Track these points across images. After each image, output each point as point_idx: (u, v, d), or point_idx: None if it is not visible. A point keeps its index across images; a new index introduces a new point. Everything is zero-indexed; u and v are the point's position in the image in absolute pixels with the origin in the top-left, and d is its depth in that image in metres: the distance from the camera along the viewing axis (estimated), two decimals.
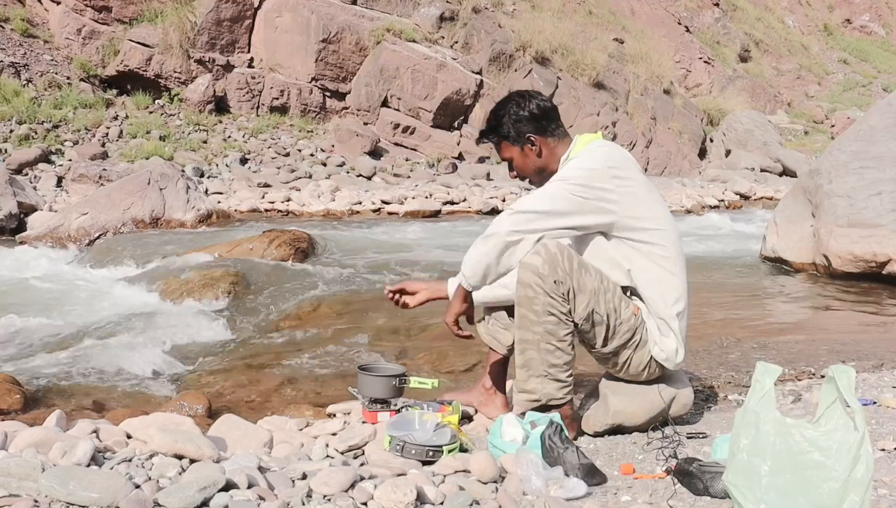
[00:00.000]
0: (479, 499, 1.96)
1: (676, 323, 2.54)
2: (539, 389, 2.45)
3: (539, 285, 2.37)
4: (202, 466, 1.96)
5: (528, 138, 2.62)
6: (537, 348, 2.42)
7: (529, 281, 2.38)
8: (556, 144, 2.64)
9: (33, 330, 4.25)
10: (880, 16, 29.68)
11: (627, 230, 2.49)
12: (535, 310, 2.39)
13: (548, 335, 2.40)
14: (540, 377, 2.44)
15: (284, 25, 12.24)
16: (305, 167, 10.96)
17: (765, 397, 1.80)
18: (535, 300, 2.38)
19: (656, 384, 2.62)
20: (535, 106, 2.64)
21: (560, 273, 2.36)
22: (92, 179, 8.63)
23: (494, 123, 2.69)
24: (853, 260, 5.80)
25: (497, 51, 13.39)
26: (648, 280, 2.52)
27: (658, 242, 2.52)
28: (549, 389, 2.44)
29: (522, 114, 2.63)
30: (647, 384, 2.62)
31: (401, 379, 2.65)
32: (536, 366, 2.43)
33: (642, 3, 20.46)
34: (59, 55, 11.60)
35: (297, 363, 3.71)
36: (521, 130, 2.62)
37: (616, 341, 2.50)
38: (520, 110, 2.63)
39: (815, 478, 1.70)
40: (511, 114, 2.64)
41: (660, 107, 15.50)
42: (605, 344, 2.50)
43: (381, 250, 6.51)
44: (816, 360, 3.71)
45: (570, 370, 2.46)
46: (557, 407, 2.46)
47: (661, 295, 2.52)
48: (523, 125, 2.62)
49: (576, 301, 2.40)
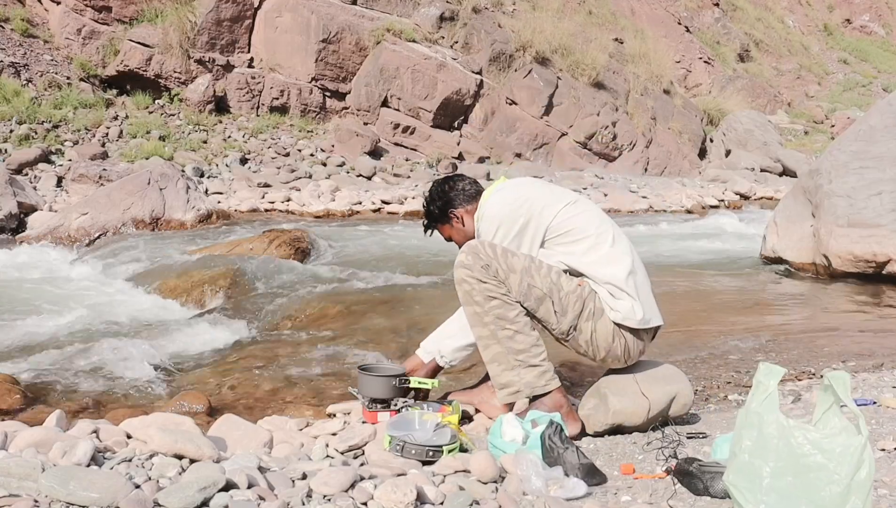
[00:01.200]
0: (479, 499, 1.96)
1: (624, 283, 2.55)
2: (516, 380, 2.47)
3: (470, 275, 2.48)
4: (202, 466, 1.96)
5: (453, 215, 2.83)
6: (496, 339, 2.48)
7: (462, 276, 2.51)
8: (472, 207, 2.81)
9: (33, 330, 4.25)
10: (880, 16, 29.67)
11: (551, 242, 2.62)
12: (478, 300, 2.48)
13: (499, 320, 2.47)
14: (513, 369, 2.47)
15: (284, 25, 12.24)
16: (305, 167, 10.96)
17: (768, 398, 1.79)
18: (473, 292, 2.48)
19: (656, 385, 2.62)
20: (446, 186, 2.87)
21: (484, 258, 2.49)
22: (92, 179, 8.63)
23: (427, 213, 2.91)
24: (853, 260, 5.80)
25: (497, 51, 13.40)
26: (587, 263, 2.58)
27: (578, 236, 2.60)
28: (527, 377, 2.47)
29: (439, 202, 2.86)
30: (639, 368, 2.64)
31: (401, 379, 2.65)
32: (503, 358, 2.48)
33: (642, 3, 20.46)
34: (59, 55, 11.60)
35: (297, 363, 3.70)
36: (446, 212, 2.84)
37: (570, 314, 2.51)
38: (436, 198, 2.87)
39: (816, 481, 1.70)
40: (434, 201, 2.87)
41: (660, 107, 15.50)
42: (561, 321, 2.52)
43: (381, 250, 6.52)
44: (816, 360, 3.71)
45: (540, 355, 2.50)
46: (545, 395, 2.47)
47: (602, 266, 2.56)
48: (444, 208, 2.84)
49: (509, 281, 2.48)
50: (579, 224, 2.62)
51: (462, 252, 2.55)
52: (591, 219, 2.65)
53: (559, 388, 2.55)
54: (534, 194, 2.67)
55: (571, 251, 2.61)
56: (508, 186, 2.75)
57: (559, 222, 2.61)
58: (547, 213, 2.62)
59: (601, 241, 2.61)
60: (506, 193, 2.70)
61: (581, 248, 2.60)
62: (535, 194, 2.66)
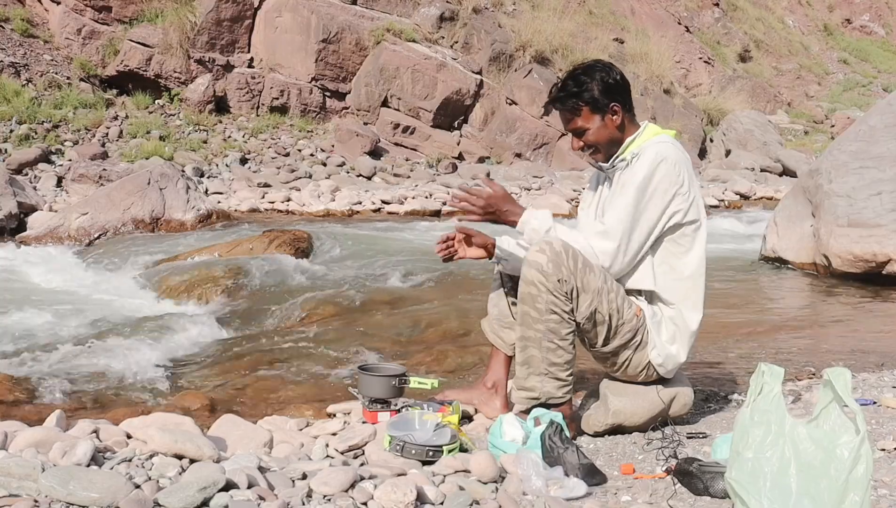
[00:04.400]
0: (479, 499, 1.96)
1: (696, 333, 2.56)
2: (539, 387, 2.45)
3: (542, 282, 2.36)
4: (202, 466, 1.96)
5: (613, 108, 2.52)
6: (539, 346, 2.42)
7: (533, 279, 2.38)
8: (630, 121, 2.58)
9: (33, 330, 4.25)
10: (880, 16, 29.65)
11: (677, 230, 2.50)
12: (538, 308, 2.39)
13: (550, 333, 2.40)
14: (540, 376, 2.44)
15: (284, 25, 12.24)
16: (305, 167, 10.95)
17: (774, 398, 1.80)
18: (538, 298, 2.38)
19: (656, 384, 2.62)
20: (620, 77, 2.55)
21: (564, 272, 2.35)
22: (92, 179, 8.62)
23: (576, 88, 2.51)
24: (853, 260, 5.80)
25: (497, 51, 13.39)
26: (680, 299, 2.53)
27: (688, 246, 2.51)
28: (549, 387, 2.44)
29: (610, 82, 2.51)
30: (646, 384, 2.62)
31: (401, 379, 2.65)
32: (537, 364, 2.43)
33: (642, 3, 20.45)
34: (59, 55, 11.60)
35: (297, 363, 3.70)
36: (607, 98, 2.50)
37: (617, 341, 2.50)
38: (607, 78, 2.51)
39: (816, 477, 1.71)
40: (599, 80, 2.50)
41: (660, 107, 15.50)
42: (605, 344, 2.50)
43: (381, 250, 6.51)
44: (816, 360, 3.70)
45: (570, 370, 2.46)
46: (556, 406, 2.46)
47: (690, 310, 2.55)
48: (610, 93, 2.51)
49: (579, 300, 2.39)
50: (697, 234, 2.52)
51: (544, 253, 2.36)
52: (704, 224, 2.56)
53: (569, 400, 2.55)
54: (696, 183, 2.52)
55: (674, 267, 2.52)
56: (678, 154, 2.50)
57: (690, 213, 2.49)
58: (693, 192, 2.49)
59: (702, 271, 2.54)
60: (677, 160, 2.46)
61: (685, 270, 2.51)
62: (696, 185, 2.53)
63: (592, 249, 2.43)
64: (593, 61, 2.61)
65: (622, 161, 2.54)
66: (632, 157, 2.51)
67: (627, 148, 2.54)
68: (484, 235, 2.72)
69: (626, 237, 2.43)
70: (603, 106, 2.51)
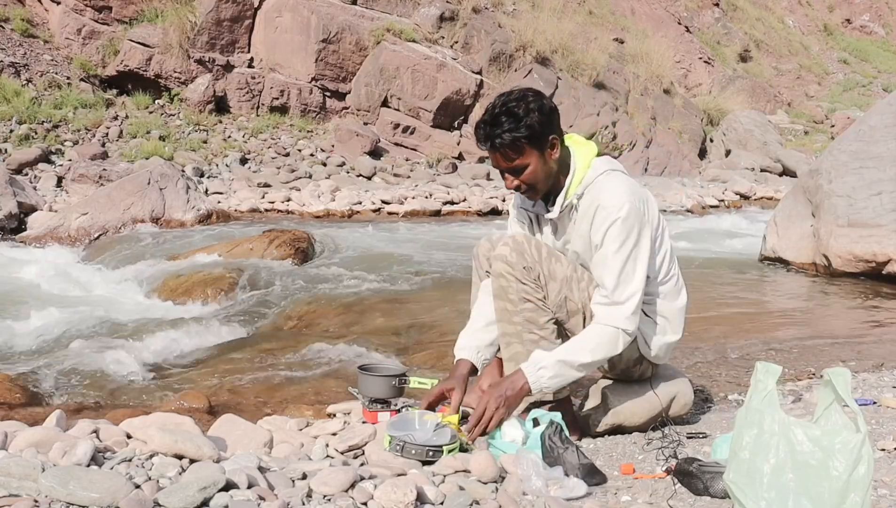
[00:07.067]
0: (479, 499, 1.96)
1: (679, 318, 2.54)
2: None
3: (510, 272, 2.37)
4: (202, 466, 1.96)
5: (552, 141, 2.30)
6: (521, 340, 2.42)
7: (501, 270, 2.39)
8: (563, 152, 2.38)
9: (33, 330, 4.25)
10: (880, 16, 29.66)
11: None
12: (511, 299, 2.39)
13: (528, 323, 2.40)
14: None
15: (284, 25, 12.24)
16: (305, 167, 10.95)
17: (767, 396, 1.80)
18: (510, 289, 2.39)
19: (655, 384, 2.62)
20: (552, 105, 2.33)
21: (528, 260, 2.37)
22: (92, 179, 8.62)
23: (513, 122, 2.24)
24: (853, 260, 5.80)
25: (497, 51, 13.39)
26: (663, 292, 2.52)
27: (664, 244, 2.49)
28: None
29: (545, 113, 2.27)
30: (644, 381, 2.62)
31: (401, 379, 2.65)
32: (522, 360, 2.42)
33: (642, 3, 20.46)
34: (59, 55, 11.60)
35: (297, 363, 3.70)
36: (547, 131, 2.28)
37: None
38: (544, 108, 2.27)
39: (816, 477, 1.70)
40: (536, 111, 2.24)
41: (660, 107, 15.50)
42: None
43: (381, 250, 6.51)
44: (816, 360, 3.70)
45: None
46: (552, 402, 2.46)
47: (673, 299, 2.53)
48: (549, 126, 2.28)
49: (548, 288, 2.39)
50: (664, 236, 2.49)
51: (507, 245, 2.35)
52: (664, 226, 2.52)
53: (567, 398, 2.54)
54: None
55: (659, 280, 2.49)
56: (631, 185, 2.37)
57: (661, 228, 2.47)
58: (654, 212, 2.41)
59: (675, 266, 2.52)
60: (623, 176, 2.37)
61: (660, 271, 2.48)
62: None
63: (613, 329, 2.32)
64: (521, 91, 2.32)
65: (569, 206, 2.40)
66: (577, 198, 2.37)
67: (571, 188, 2.37)
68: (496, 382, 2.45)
69: (631, 294, 2.33)
70: (543, 141, 2.28)
